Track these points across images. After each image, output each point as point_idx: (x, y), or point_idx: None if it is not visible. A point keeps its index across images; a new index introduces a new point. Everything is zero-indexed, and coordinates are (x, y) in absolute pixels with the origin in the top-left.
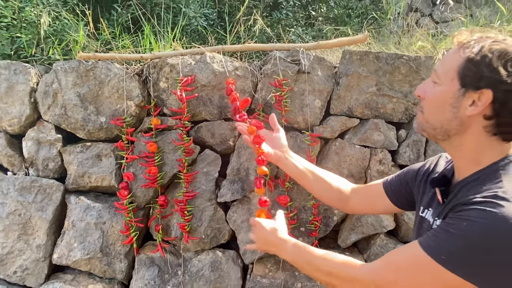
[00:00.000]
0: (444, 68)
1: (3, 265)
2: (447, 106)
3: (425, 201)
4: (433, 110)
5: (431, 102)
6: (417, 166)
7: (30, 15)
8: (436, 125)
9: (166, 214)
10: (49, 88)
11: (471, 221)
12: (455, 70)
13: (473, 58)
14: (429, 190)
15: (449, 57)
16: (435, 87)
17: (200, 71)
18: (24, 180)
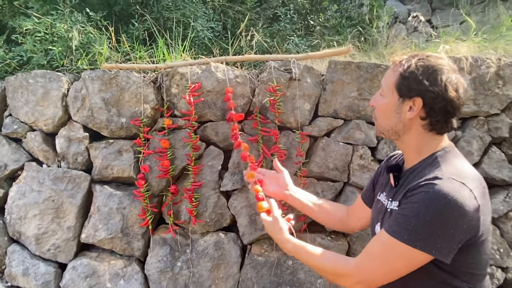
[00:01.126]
0: (386, 83)
1: (39, 244)
2: (392, 113)
3: (381, 185)
4: (383, 117)
5: (381, 112)
6: (381, 164)
7: (60, 30)
8: (387, 128)
9: (176, 201)
10: (78, 94)
11: (419, 202)
12: (393, 84)
13: (404, 74)
14: (385, 177)
15: (389, 74)
16: (382, 99)
17: (206, 79)
18: (57, 171)
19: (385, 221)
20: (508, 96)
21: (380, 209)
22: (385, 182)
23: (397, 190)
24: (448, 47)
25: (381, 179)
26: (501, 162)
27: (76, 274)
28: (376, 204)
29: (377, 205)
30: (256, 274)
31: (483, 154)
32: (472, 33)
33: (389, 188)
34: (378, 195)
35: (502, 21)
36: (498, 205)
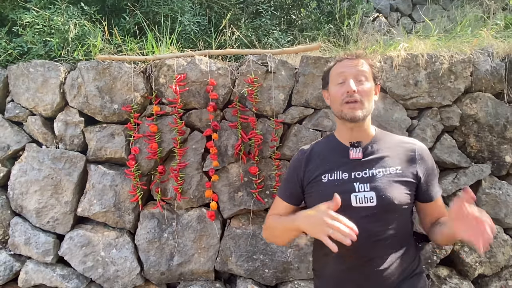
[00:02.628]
0: (366, 71)
1: (39, 217)
2: (372, 96)
3: (323, 168)
4: (369, 100)
5: (368, 95)
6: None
7: (57, 23)
8: (370, 110)
9: (163, 180)
10: (74, 82)
11: (430, 158)
12: (370, 72)
13: (374, 65)
14: (320, 160)
15: (363, 63)
16: (367, 84)
17: (191, 70)
18: (56, 152)
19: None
20: (459, 89)
21: (350, 180)
22: (330, 162)
23: (371, 159)
24: (407, 45)
25: (314, 165)
26: (452, 148)
27: (73, 243)
28: (332, 183)
29: (336, 182)
30: (234, 244)
31: (436, 141)
32: (434, 31)
33: (350, 163)
34: (329, 175)
35: (461, 21)
36: (447, 185)
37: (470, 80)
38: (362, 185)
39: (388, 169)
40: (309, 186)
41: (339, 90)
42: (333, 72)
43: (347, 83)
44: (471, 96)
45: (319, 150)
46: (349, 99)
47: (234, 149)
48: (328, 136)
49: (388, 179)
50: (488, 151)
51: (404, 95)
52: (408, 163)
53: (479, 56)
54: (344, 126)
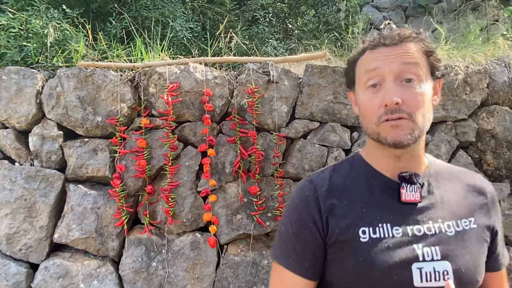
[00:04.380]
0: (419, 64)
1: (10, 243)
2: (430, 103)
3: (367, 214)
4: (425, 112)
5: (423, 105)
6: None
7: (35, 26)
8: (427, 126)
9: (153, 201)
10: (53, 91)
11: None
12: (426, 65)
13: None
14: (363, 199)
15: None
16: (420, 87)
17: (184, 79)
18: (30, 170)
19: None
20: (475, 102)
21: (407, 241)
22: (368, 205)
23: (434, 204)
24: None
25: (341, 208)
26: (468, 165)
27: (49, 274)
28: (378, 245)
29: (385, 244)
30: (232, 274)
31: (451, 158)
32: (443, 40)
33: (404, 209)
34: (370, 230)
35: (472, 30)
36: None
37: (486, 92)
38: (429, 250)
39: (461, 222)
40: (335, 248)
41: (372, 100)
42: (361, 66)
43: (384, 89)
44: (487, 109)
45: (342, 182)
46: (390, 116)
47: (232, 166)
48: (353, 159)
49: (464, 239)
50: (506, 168)
51: None
52: (481, 213)
53: (495, 66)
54: (383, 153)
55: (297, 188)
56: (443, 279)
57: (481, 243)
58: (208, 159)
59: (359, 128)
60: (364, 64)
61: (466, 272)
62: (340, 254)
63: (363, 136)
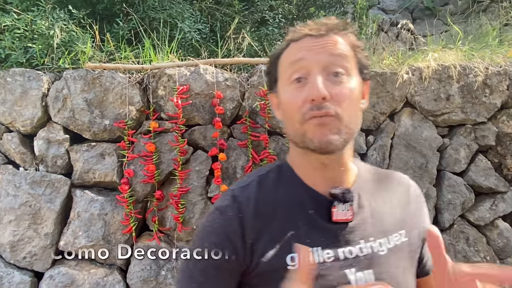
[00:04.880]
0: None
1: (14, 251)
2: (359, 104)
3: (295, 237)
4: (353, 111)
5: (351, 103)
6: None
7: (41, 27)
8: (357, 128)
9: (161, 207)
10: (59, 94)
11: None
12: (354, 61)
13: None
14: (291, 220)
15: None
16: (348, 82)
17: (194, 81)
18: (35, 175)
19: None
20: (494, 104)
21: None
22: (296, 226)
23: (365, 221)
24: (437, 55)
25: (266, 233)
26: (488, 170)
27: (54, 283)
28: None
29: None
30: None
31: (470, 162)
32: (458, 41)
33: (336, 229)
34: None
35: (484, 31)
36: (485, 212)
37: (506, 94)
38: (362, 275)
39: (391, 238)
40: (260, 279)
41: (296, 97)
42: (284, 59)
43: (310, 83)
44: (507, 112)
45: (270, 200)
46: (316, 112)
47: (243, 171)
48: (281, 169)
49: (396, 257)
50: None
51: (435, 111)
52: (410, 220)
53: None
54: (309, 161)
55: (216, 206)
56: None
57: (412, 255)
58: (219, 164)
59: (374, 132)
60: (288, 56)
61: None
62: (267, 285)
63: (379, 139)
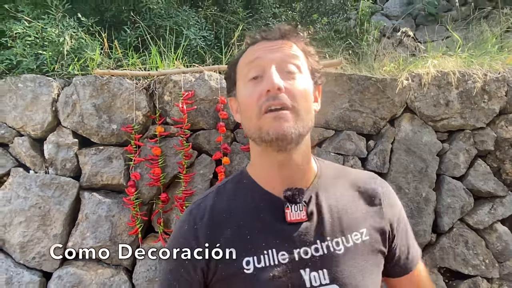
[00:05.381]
0: (299, 59)
1: (23, 252)
2: (312, 103)
3: (251, 242)
4: (307, 107)
5: (306, 98)
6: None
7: (51, 35)
8: (309, 126)
9: (167, 209)
10: (69, 99)
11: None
12: (306, 63)
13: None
14: (246, 225)
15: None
16: (301, 79)
17: (199, 87)
18: (45, 177)
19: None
20: (493, 110)
21: (294, 267)
22: (252, 231)
23: (322, 220)
24: (436, 62)
25: (223, 240)
26: (487, 174)
27: (62, 283)
28: (264, 276)
29: (270, 273)
30: None
31: (469, 167)
32: (458, 48)
33: (290, 230)
34: (255, 259)
35: (485, 38)
36: (484, 216)
37: (505, 100)
38: (316, 274)
39: (351, 237)
40: (220, 284)
41: (253, 92)
42: (242, 61)
43: (267, 77)
44: (506, 117)
45: (226, 208)
46: (272, 102)
47: None
48: (239, 178)
49: (355, 255)
50: None
51: (434, 116)
52: (373, 218)
53: None
54: (266, 160)
55: (179, 220)
56: None
57: (375, 255)
58: (223, 167)
59: (375, 136)
60: (245, 58)
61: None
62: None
63: (380, 144)
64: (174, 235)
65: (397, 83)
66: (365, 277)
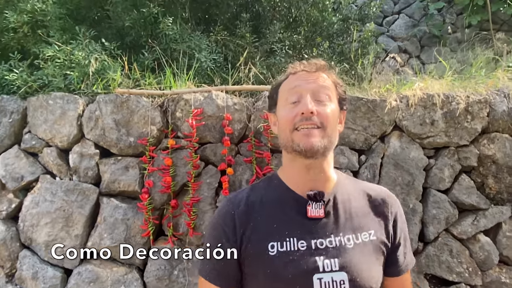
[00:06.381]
0: (329, 89)
1: (48, 249)
2: (337, 124)
3: (277, 229)
4: (334, 126)
5: (332, 119)
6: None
7: (78, 57)
8: (335, 141)
9: (176, 214)
10: (92, 115)
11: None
12: (335, 92)
13: (339, 84)
14: (275, 215)
15: (324, 79)
16: (330, 104)
17: (207, 105)
18: (69, 184)
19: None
20: (476, 129)
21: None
22: (279, 221)
23: (337, 219)
24: (423, 85)
25: (254, 224)
26: (470, 188)
27: (81, 279)
28: (284, 258)
29: (290, 256)
30: None
31: (454, 181)
32: (448, 72)
33: (310, 224)
34: (278, 244)
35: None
36: (467, 227)
37: (487, 120)
38: (329, 262)
39: (360, 235)
40: (248, 261)
41: (291, 112)
42: (284, 87)
43: (303, 102)
44: (488, 136)
45: (258, 200)
46: (304, 123)
47: (248, 184)
48: (271, 179)
49: (362, 250)
50: (508, 192)
51: (421, 134)
52: (380, 225)
53: (495, 97)
54: (296, 165)
55: (218, 207)
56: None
57: (378, 254)
58: (227, 177)
59: (366, 152)
60: (287, 84)
61: (360, 281)
62: (253, 268)
63: (370, 159)
64: (214, 218)
65: (386, 104)
66: (369, 269)
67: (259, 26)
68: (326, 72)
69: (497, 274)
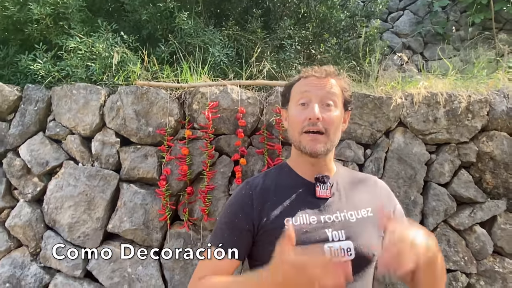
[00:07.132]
0: (336, 95)
1: (71, 231)
2: (340, 126)
3: (290, 207)
4: (336, 130)
5: (336, 124)
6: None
7: (99, 49)
8: (336, 142)
9: (191, 201)
10: (114, 105)
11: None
12: (341, 96)
13: (346, 88)
14: (288, 196)
15: (333, 85)
16: (335, 111)
17: (223, 98)
18: (91, 170)
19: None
20: (476, 127)
21: (320, 226)
22: (291, 200)
23: (340, 199)
24: (427, 83)
25: (270, 203)
26: (468, 183)
27: (101, 259)
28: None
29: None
30: None
31: (453, 175)
32: (451, 71)
33: (318, 202)
34: (293, 219)
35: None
36: (464, 219)
37: (486, 119)
38: (336, 233)
39: (360, 212)
40: (265, 233)
41: (300, 114)
42: (296, 89)
43: (310, 107)
44: (487, 134)
45: (272, 184)
46: (311, 128)
47: None
48: (281, 167)
49: (363, 224)
50: (504, 187)
51: (424, 131)
52: (376, 204)
53: (495, 97)
54: (302, 159)
55: (237, 189)
56: (347, 255)
57: (376, 227)
58: (240, 167)
59: (371, 146)
60: (298, 87)
61: (364, 249)
62: (271, 238)
63: (375, 153)
64: (233, 197)
65: (392, 101)
66: (370, 239)
67: (269, 22)
68: (336, 78)
69: (491, 263)
